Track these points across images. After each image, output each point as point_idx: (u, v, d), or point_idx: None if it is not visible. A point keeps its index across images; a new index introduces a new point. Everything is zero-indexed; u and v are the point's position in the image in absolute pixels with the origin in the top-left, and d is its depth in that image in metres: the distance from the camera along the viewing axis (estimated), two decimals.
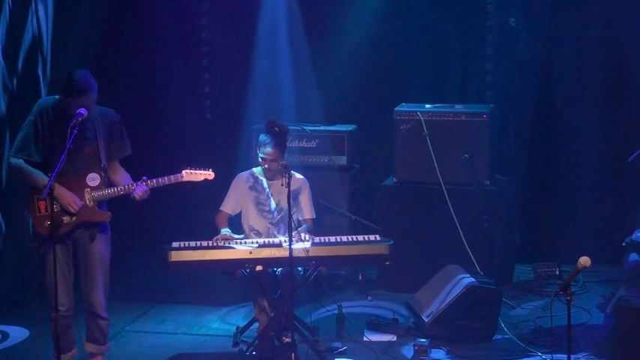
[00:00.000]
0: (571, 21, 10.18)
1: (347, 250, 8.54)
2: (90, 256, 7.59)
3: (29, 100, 9.30)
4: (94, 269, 7.60)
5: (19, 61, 9.54)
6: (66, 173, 7.36)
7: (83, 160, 7.50)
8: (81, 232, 7.55)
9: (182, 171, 7.80)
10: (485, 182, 9.90)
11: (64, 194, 7.40)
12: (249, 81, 10.61)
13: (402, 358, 8.62)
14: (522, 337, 8.88)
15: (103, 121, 7.58)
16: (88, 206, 7.52)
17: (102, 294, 7.64)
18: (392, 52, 10.57)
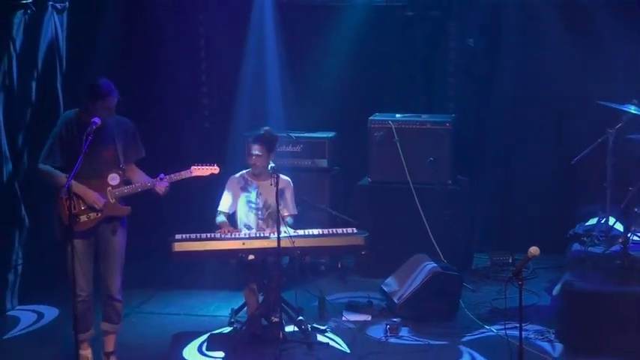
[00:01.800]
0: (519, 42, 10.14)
1: (327, 242, 8.56)
2: (110, 247, 7.60)
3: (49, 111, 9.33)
4: (114, 258, 7.61)
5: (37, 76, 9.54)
6: (89, 175, 7.41)
7: (103, 163, 7.52)
8: (104, 226, 7.56)
9: (191, 167, 7.85)
10: (448, 182, 9.93)
11: (89, 194, 7.44)
12: (242, 94, 10.56)
13: (376, 335, 8.63)
14: (480, 316, 8.93)
15: (119, 128, 7.62)
16: (111, 203, 7.54)
17: (119, 279, 7.65)
18: (367, 68, 10.55)
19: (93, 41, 9.90)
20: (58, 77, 9.77)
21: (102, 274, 7.65)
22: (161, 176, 7.68)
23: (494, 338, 8.45)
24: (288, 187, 8.67)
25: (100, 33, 9.94)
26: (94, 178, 7.49)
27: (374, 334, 8.66)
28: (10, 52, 9.27)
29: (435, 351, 8.29)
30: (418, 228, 9.71)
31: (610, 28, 9.85)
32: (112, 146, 7.55)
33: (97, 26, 9.92)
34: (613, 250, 8.94)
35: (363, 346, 8.42)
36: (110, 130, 7.52)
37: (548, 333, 8.47)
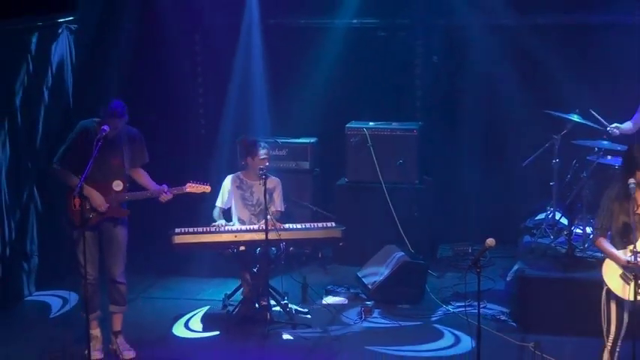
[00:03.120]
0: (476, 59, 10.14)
1: (309, 234, 8.61)
2: (113, 240, 7.62)
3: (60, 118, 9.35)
4: (116, 248, 7.64)
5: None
6: (97, 179, 7.43)
7: (110, 170, 7.54)
8: (107, 224, 7.59)
9: (187, 184, 7.87)
10: (415, 181, 9.95)
11: (95, 196, 7.46)
12: (234, 105, 10.48)
13: (352, 316, 8.68)
14: (443, 299, 8.97)
15: (127, 137, 7.65)
16: (113, 206, 7.57)
17: (121, 266, 7.67)
18: (344, 81, 10.44)
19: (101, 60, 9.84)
20: (70, 89, 9.79)
21: (106, 263, 7.67)
22: (165, 188, 7.71)
23: (455, 318, 8.50)
24: (277, 186, 8.68)
25: (109, 52, 9.88)
26: (101, 183, 7.51)
27: (350, 315, 8.71)
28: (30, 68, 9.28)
29: (405, 330, 8.36)
30: (389, 222, 9.73)
31: (556, 48, 9.85)
32: (119, 155, 7.58)
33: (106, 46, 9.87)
34: (559, 241, 9.04)
35: (341, 326, 8.47)
36: (119, 140, 7.55)
37: (503, 313, 8.53)
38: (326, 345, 8.09)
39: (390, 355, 7.79)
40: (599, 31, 9.78)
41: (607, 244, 6.65)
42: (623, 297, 6.56)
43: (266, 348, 8.01)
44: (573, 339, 7.61)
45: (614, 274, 6.62)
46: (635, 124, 8.92)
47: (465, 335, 8.03)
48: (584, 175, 8.92)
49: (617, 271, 6.60)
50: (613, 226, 6.64)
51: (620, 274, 6.59)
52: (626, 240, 6.57)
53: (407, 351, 7.87)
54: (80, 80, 9.84)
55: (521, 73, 10.00)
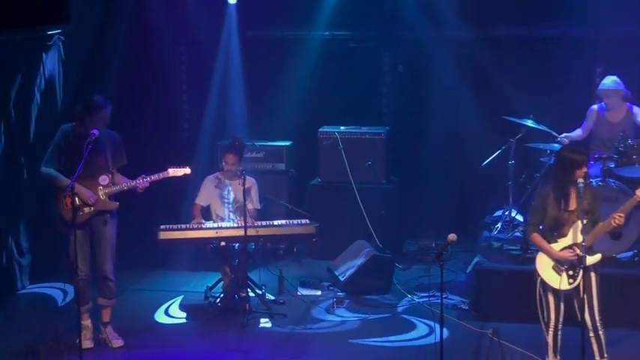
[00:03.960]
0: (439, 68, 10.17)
1: (285, 230, 8.60)
2: (102, 237, 7.60)
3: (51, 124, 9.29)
4: (106, 245, 7.62)
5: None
6: (84, 177, 7.40)
7: (96, 167, 7.54)
8: (97, 218, 7.57)
9: (168, 169, 7.87)
10: (383, 181, 9.98)
11: (83, 192, 7.46)
12: (215, 110, 10.49)
13: (325, 306, 8.69)
14: (409, 290, 9.00)
15: (108, 139, 7.64)
16: (101, 199, 7.56)
17: (111, 263, 7.66)
18: (317, 88, 10.45)
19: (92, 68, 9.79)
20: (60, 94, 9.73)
21: (96, 259, 7.64)
22: (142, 176, 7.70)
23: (420, 307, 8.55)
24: (253, 186, 8.70)
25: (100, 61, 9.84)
26: (88, 179, 7.49)
27: (323, 305, 8.72)
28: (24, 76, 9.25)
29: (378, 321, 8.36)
30: (359, 219, 9.73)
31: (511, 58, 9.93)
32: (103, 154, 7.58)
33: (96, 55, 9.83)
34: (514, 236, 9.10)
35: (315, 316, 8.49)
36: (102, 141, 7.54)
37: (463, 303, 8.58)
38: (301, 333, 8.09)
39: (369, 346, 7.78)
40: (551, 42, 9.86)
41: (541, 239, 6.75)
42: (557, 287, 6.67)
43: (245, 336, 8.00)
44: (527, 326, 7.63)
45: (547, 266, 6.72)
46: (584, 130, 9.02)
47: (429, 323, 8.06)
48: (538, 175, 9.02)
49: (550, 263, 6.71)
50: (545, 221, 6.74)
51: (553, 266, 6.70)
52: (556, 234, 6.70)
53: (382, 342, 7.85)
54: (70, 86, 9.78)
55: (480, 82, 10.04)
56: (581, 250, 6.54)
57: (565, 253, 6.64)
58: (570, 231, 6.66)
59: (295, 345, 7.84)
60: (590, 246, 6.62)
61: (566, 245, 6.65)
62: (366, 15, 10.40)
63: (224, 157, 8.64)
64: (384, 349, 7.76)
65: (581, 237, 6.57)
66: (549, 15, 9.78)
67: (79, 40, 9.72)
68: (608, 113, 8.87)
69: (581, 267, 6.56)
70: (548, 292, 6.76)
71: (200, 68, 10.50)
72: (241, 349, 7.69)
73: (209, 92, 10.54)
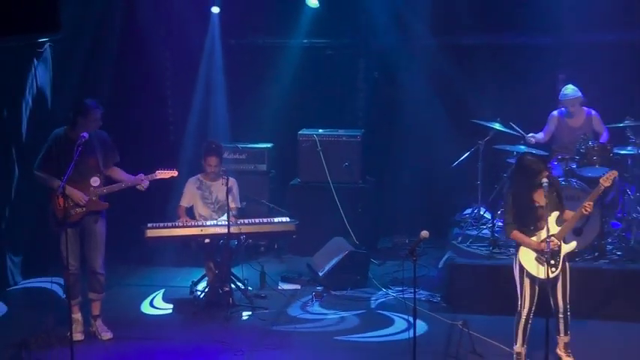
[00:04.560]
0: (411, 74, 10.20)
1: (266, 228, 8.59)
2: (93, 234, 7.59)
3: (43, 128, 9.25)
4: (96, 242, 7.60)
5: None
6: (76, 179, 7.38)
7: (87, 169, 7.52)
8: (88, 218, 7.55)
9: (156, 171, 7.86)
10: (359, 181, 10.00)
11: (75, 193, 7.44)
12: (199, 114, 10.47)
13: (305, 300, 8.70)
14: (384, 284, 9.02)
15: (98, 140, 7.62)
16: (92, 200, 7.54)
17: (101, 258, 7.64)
18: (297, 93, 10.45)
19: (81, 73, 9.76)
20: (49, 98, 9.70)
21: (87, 256, 7.63)
22: (141, 176, 7.70)
23: (394, 301, 8.58)
24: (234, 186, 8.68)
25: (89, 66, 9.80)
26: (79, 181, 7.47)
27: (303, 299, 8.72)
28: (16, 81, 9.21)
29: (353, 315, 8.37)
30: (336, 217, 9.75)
31: (480, 64, 9.95)
32: (93, 156, 7.55)
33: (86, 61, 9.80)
34: (483, 233, 9.17)
35: (296, 308, 8.50)
36: (92, 143, 7.52)
37: (435, 296, 8.61)
38: (282, 325, 8.10)
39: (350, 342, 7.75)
40: (516, 50, 9.92)
41: (521, 235, 6.86)
42: (542, 277, 6.78)
43: (229, 328, 8.00)
44: (495, 317, 7.69)
45: (530, 259, 6.84)
46: (545, 134, 9.09)
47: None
48: (505, 175, 9.07)
49: (533, 255, 6.84)
50: (520, 218, 6.86)
51: (535, 258, 6.82)
52: (533, 228, 6.83)
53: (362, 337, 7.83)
54: (60, 90, 9.73)
55: (450, 87, 10.07)
56: (559, 239, 6.77)
57: (545, 244, 6.73)
58: (544, 224, 6.77)
59: (276, 337, 7.84)
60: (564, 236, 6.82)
61: (544, 237, 6.75)
62: (342, 24, 10.44)
63: (207, 160, 8.62)
64: (364, 344, 7.72)
65: (557, 228, 6.79)
66: (514, 24, 9.83)
67: (69, 46, 9.66)
68: (569, 118, 8.95)
69: (560, 255, 6.76)
70: (525, 279, 6.88)
71: (185, 74, 10.47)
72: (225, 340, 7.69)
73: (193, 97, 10.51)
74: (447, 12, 9.96)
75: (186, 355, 7.42)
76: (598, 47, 9.46)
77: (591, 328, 7.77)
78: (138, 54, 10.11)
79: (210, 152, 8.60)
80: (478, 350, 7.33)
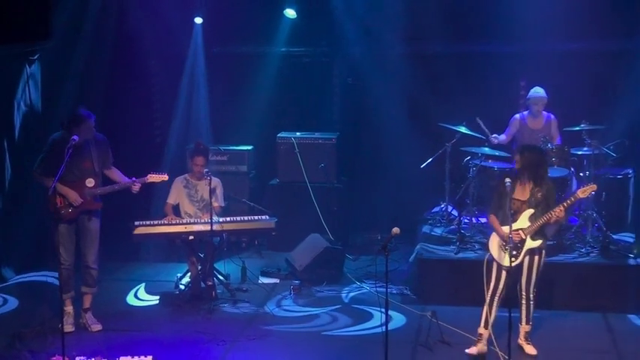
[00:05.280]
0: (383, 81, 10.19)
1: (247, 225, 8.59)
2: (87, 231, 7.59)
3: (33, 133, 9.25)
4: (90, 238, 7.60)
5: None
6: (72, 179, 7.41)
7: (83, 171, 7.52)
8: (82, 216, 7.56)
9: (148, 175, 7.84)
10: (334, 181, 9.99)
11: (71, 193, 7.45)
12: (183, 119, 10.44)
13: (283, 292, 8.69)
14: (358, 278, 9.02)
15: (96, 142, 7.61)
16: (87, 200, 7.53)
17: (94, 254, 7.64)
18: (276, 98, 10.43)
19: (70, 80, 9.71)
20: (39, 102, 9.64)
21: (81, 250, 7.62)
22: (134, 179, 7.69)
23: (367, 293, 8.60)
24: (218, 185, 8.68)
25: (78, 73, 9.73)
26: (75, 182, 7.49)
27: (282, 292, 8.73)
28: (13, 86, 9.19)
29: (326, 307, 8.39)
30: (313, 215, 9.75)
31: (447, 71, 9.92)
32: (89, 158, 7.55)
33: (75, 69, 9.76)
34: (450, 229, 9.23)
35: (275, 301, 8.50)
36: (88, 145, 7.51)
37: (406, 289, 8.63)
38: (262, 317, 8.11)
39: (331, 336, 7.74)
40: (480, 58, 9.96)
41: (494, 220, 7.01)
42: (500, 262, 6.91)
43: (212, 320, 8.00)
44: (462, 308, 7.75)
45: (496, 245, 6.99)
46: (507, 136, 9.15)
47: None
48: (470, 175, 9.13)
49: (499, 242, 6.97)
50: (502, 208, 6.97)
51: (500, 245, 6.95)
52: (511, 219, 6.88)
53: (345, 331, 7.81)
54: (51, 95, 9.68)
55: (419, 92, 10.08)
56: (526, 234, 6.86)
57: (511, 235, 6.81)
58: (520, 217, 6.89)
59: (257, 328, 7.85)
60: (537, 232, 6.88)
61: (515, 229, 6.85)
62: (318, 34, 10.45)
63: (193, 160, 8.61)
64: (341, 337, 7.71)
65: (528, 223, 6.88)
66: (478, 34, 9.88)
67: (59, 54, 9.61)
68: (530, 121, 9.02)
69: (522, 248, 6.86)
70: (493, 266, 6.97)
71: (170, 81, 10.43)
72: (208, 331, 7.69)
73: (178, 102, 10.47)
74: (415, 22, 9.98)
75: (172, 345, 7.40)
76: (556, 56, 9.54)
77: (550, 318, 7.86)
78: (126, 61, 10.06)
79: (197, 152, 8.59)
80: (446, 339, 7.39)
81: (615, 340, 7.48)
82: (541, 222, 6.88)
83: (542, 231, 6.99)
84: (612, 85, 9.62)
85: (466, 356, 7.11)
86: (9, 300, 8.52)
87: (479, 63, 9.96)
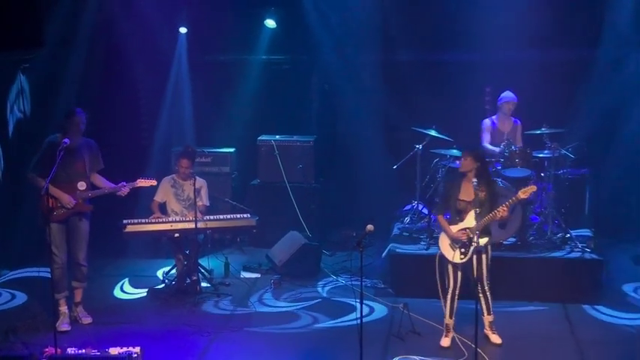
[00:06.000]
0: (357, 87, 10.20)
1: (230, 223, 8.59)
2: (78, 231, 7.55)
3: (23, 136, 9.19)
4: (80, 237, 7.57)
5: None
6: (64, 181, 7.36)
7: (75, 173, 7.47)
8: (73, 217, 7.52)
9: (137, 180, 7.82)
10: (312, 182, 10.00)
11: (63, 196, 7.40)
12: (169, 123, 10.40)
13: (264, 287, 8.70)
14: (334, 272, 9.05)
15: (87, 147, 7.58)
16: (79, 202, 7.49)
17: (84, 251, 7.61)
18: (257, 103, 10.39)
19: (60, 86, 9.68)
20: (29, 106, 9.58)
21: (72, 249, 7.58)
22: (123, 184, 7.65)
23: (343, 286, 8.63)
24: (203, 186, 8.68)
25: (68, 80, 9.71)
26: (67, 184, 7.43)
27: (263, 286, 8.74)
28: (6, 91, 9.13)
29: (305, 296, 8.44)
30: (292, 213, 9.76)
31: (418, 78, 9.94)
32: (81, 161, 7.50)
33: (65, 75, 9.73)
34: (420, 226, 9.29)
35: (257, 295, 8.51)
36: (80, 149, 7.46)
37: (379, 282, 8.66)
38: (244, 309, 8.12)
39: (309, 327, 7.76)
40: (449, 66, 10.01)
41: (443, 221, 7.09)
42: (452, 260, 6.98)
43: (197, 313, 8.02)
44: (431, 300, 7.79)
45: (445, 243, 7.06)
46: (487, 141, 9.07)
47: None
48: (439, 175, 9.19)
49: (448, 241, 7.04)
50: (450, 208, 7.08)
51: (449, 244, 7.02)
52: (457, 218, 7.03)
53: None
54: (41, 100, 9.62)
55: (392, 97, 10.12)
56: (472, 233, 6.88)
57: (458, 234, 6.97)
58: (466, 217, 6.95)
59: (239, 319, 7.87)
60: (483, 230, 6.92)
61: (462, 228, 6.95)
62: (296, 43, 10.42)
63: (179, 162, 8.60)
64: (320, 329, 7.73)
65: (474, 222, 6.91)
66: (446, 43, 9.93)
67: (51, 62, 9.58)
68: (500, 124, 9.06)
69: (471, 246, 6.90)
70: (448, 264, 7.01)
71: (156, 86, 10.37)
72: (193, 324, 7.70)
73: (163, 107, 10.43)
74: (387, 33, 10.04)
75: (159, 336, 7.41)
76: (519, 64, 9.60)
77: (514, 309, 7.95)
78: (115, 69, 10.01)
79: (183, 155, 8.58)
80: (417, 329, 7.46)
81: (572, 328, 7.60)
82: (486, 220, 6.90)
83: (488, 229, 7.04)
84: (571, 92, 9.73)
85: (437, 346, 7.17)
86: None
87: (447, 70, 10.00)
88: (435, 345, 7.18)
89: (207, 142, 10.36)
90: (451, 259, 7.00)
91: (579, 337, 7.40)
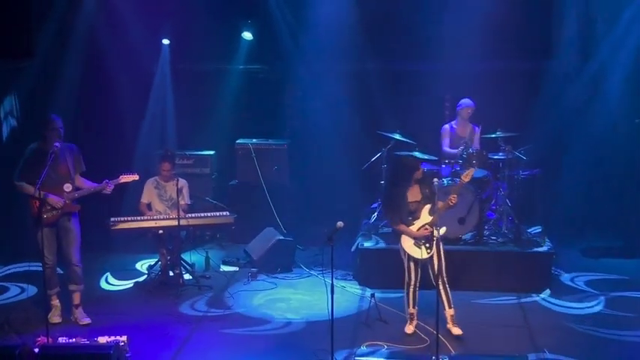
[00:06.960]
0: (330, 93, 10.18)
1: (210, 221, 8.59)
2: (69, 232, 7.43)
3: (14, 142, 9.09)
4: (72, 238, 7.44)
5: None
6: (51, 185, 7.26)
7: (60, 176, 7.38)
8: (62, 218, 7.41)
9: (120, 176, 7.73)
10: (286, 182, 10.00)
11: (51, 198, 7.30)
12: (152, 127, 10.35)
13: (242, 279, 8.69)
14: (307, 266, 9.05)
15: (69, 151, 7.49)
16: (66, 203, 7.41)
17: (77, 252, 7.47)
18: (235, 109, 10.38)
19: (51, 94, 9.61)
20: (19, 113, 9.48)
21: (65, 251, 7.44)
22: (107, 181, 7.61)
23: (315, 279, 8.67)
24: (185, 186, 8.66)
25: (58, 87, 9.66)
26: (54, 187, 7.34)
27: (241, 279, 8.75)
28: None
29: (280, 287, 8.46)
30: (268, 211, 9.74)
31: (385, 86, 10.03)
32: (65, 165, 7.42)
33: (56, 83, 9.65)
34: (386, 222, 9.32)
35: (235, 286, 8.53)
36: (63, 154, 7.40)
37: (349, 275, 8.70)
38: (224, 300, 8.13)
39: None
40: (412, 74, 10.04)
41: (404, 227, 7.11)
42: (417, 257, 7.03)
43: (179, 304, 8.01)
44: (396, 290, 7.86)
45: (410, 243, 7.11)
46: (447, 146, 9.10)
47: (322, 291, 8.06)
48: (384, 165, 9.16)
49: (411, 241, 7.09)
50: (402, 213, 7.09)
51: (413, 243, 7.08)
52: (411, 219, 7.09)
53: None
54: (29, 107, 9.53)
55: (360, 103, 10.15)
56: (431, 226, 6.98)
57: (421, 232, 7.04)
58: (421, 215, 7.04)
59: (220, 308, 7.89)
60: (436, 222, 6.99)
61: (420, 225, 7.01)
62: (271, 54, 10.43)
63: (161, 165, 8.58)
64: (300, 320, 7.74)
65: (429, 217, 7.01)
66: (411, 54, 10.00)
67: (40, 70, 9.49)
68: (459, 130, 9.14)
69: (434, 239, 6.98)
70: (411, 262, 7.09)
71: (140, 93, 10.29)
72: (176, 314, 7.69)
73: (147, 113, 10.36)
74: (356, 44, 10.08)
75: (144, 326, 7.39)
76: (477, 73, 9.68)
77: (472, 299, 8.03)
78: (100, 77, 9.95)
79: (164, 159, 8.57)
80: (383, 318, 7.51)
81: (526, 316, 7.70)
82: (441, 209, 6.96)
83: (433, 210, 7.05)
84: (525, 99, 9.85)
85: (402, 333, 7.23)
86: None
87: (410, 79, 10.03)
88: (401, 332, 7.24)
89: (189, 146, 10.33)
90: (420, 257, 7.02)
91: (532, 324, 7.50)
